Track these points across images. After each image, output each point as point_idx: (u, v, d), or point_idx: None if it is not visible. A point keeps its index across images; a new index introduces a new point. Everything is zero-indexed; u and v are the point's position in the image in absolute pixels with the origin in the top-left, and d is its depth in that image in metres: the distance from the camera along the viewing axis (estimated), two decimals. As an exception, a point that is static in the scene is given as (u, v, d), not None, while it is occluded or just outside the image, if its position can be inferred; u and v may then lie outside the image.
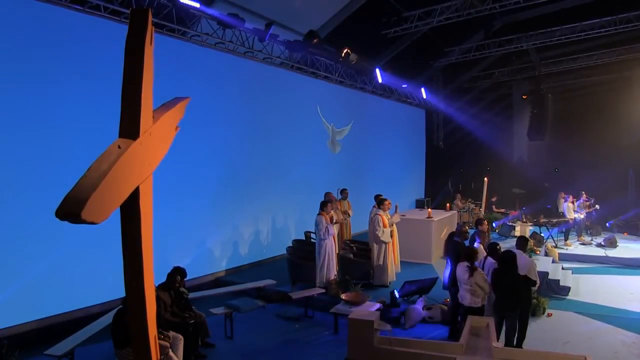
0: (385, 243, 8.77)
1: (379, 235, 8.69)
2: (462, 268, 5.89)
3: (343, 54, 11.57)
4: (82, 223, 1.71)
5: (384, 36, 13.51)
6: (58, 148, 6.69)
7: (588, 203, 14.38)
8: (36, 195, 6.29)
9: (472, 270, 5.76)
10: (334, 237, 8.51)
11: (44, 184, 6.34)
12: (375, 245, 8.81)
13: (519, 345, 5.84)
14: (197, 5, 8.17)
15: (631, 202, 16.76)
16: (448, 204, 14.09)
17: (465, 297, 5.87)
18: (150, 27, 2.17)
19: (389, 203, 9.04)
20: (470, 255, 5.92)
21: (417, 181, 19.87)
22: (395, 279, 8.90)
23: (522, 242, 6.65)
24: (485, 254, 6.69)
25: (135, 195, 2.15)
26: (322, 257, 8.34)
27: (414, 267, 10.05)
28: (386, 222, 8.80)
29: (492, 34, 15.17)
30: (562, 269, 9.74)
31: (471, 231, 8.16)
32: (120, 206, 2.04)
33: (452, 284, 6.49)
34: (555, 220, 14.17)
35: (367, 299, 7.02)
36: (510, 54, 17.41)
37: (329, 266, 8.35)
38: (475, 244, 6.90)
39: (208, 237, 9.41)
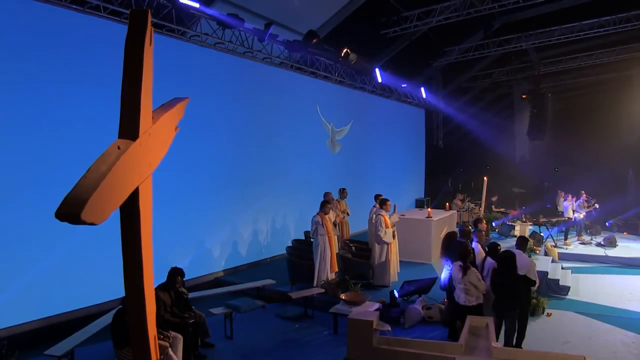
0: (388, 243, 8.77)
1: (382, 235, 8.67)
2: (456, 267, 5.90)
3: (342, 54, 11.58)
4: (82, 224, 1.71)
5: (384, 36, 13.53)
6: (57, 149, 6.69)
7: (588, 203, 14.39)
8: (36, 196, 6.29)
9: (465, 269, 5.76)
10: (330, 236, 8.50)
11: (43, 184, 6.34)
12: (376, 245, 8.79)
13: (519, 345, 5.84)
14: (197, 5, 8.17)
15: (631, 201, 16.78)
16: (447, 204, 14.09)
17: (460, 296, 5.88)
18: (149, 27, 2.17)
19: (390, 204, 9.04)
20: (463, 254, 5.91)
21: (416, 181, 19.87)
22: (397, 279, 8.89)
23: (522, 242, 6.65)
24: (483, 253, 6.70)
25: (134, 196, 2.15)
26: (315, 256, 8.36)
27: (414, 267, 10.05)
28: (388, 222, 8.79)
29: (491, 33, 15.19)
30: (562, 268, 9.74)
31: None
32: (120, 207, 2.04)
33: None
34: (554, 220, 14.18)
35: (367, 299, 7.03)
36: (510, 53, 17.44)
37: (322, 266, 8.35)
38: (474, 244, 6.90)
39: (207, 237, 9.41)
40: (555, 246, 11.81)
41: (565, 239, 13.13)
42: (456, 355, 4.77)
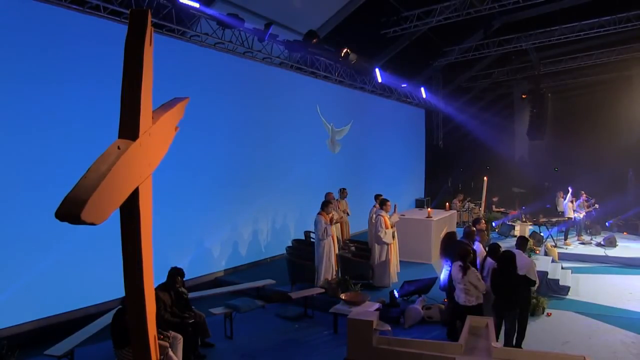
0: (388, 244, 8.76)
1: (382, 236, 8.65)
2: (455, 267, 5.90)
3: (342, 54, 11.58)
4: (82, 224, 1.71)
5: (384, 36, 13.53)
6: (57, 149, 6.69)
7: (587, 203, 14.39)
8: (36, 196, 6.29)
9: (465, 269, 5.76)
10: (333, 237, 8.51)
11: (43, 184, 6.34)
12: (376, 245, 8.77)
13: (519, 345, 5.84)
14: (197, 5, 8.17)
15: (631, 201, 16.76)
16: (447, 204, 14.09)
17: (460, 297, 5.88)
18: (149, 27, 2.17)
19: (390, 204, 9.03)
20: (463, 254, 5.91)
21: (416, 181, 19.88)
22: (397, 280, 8.88)
23: (522, 242, 6.64)
24: (485, 253, 6.69)
25: (134, 196, 2.15)
26: (321, 257, 8.34)
27: (414, 267, 10.05)
28: (388, 222, 8.78)
29: (491, 33, 15.19)
30: (562, 268, 9.74)
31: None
32: (120, 207, 2.05)
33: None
34: (554, 220, 14.18)
35: (367, 299, 7.03)
36: (510, 53, 17.45)
37: (327, 266, 8.35)
38: (475, 244, 6.90)
39: (207, 237, 9.41)
40: (555, 246, 11.81)
41: (565, 239, 13.13)
42: (456, 355, 4.77)
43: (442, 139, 20.49)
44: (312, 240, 9.91)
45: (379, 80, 14.03)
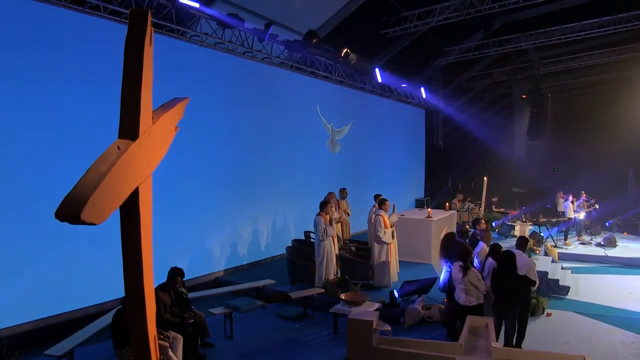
0: (387, 244, 8.76)
1: (381, 236, 8.66)
2: (456, 268, 5.91)
3: (342, 54, 11.58)
4: (82, 224, 1.71)
5: (384, 36, 13.53)
6: (57, 149, 6.69)
7: (587, 203, 14.40)
8: (35, 196, 6.29)
9: (465, 269, 5.77)
10: (333, 237, 8.51)
11: (43, 185, 6.34)
12: (376, 245, 8.78)
13: (518, 345, 5.84)
14: (197, 5, 8.16)
15: (631, 201, 16.78)
16: (447, 204, 14.08)
17: (460, 297, 5.88)
18: (149, 27, 2.17)
19: (389, 204, 9.03)
20: (463, 254, 5.92)
21: (416, 181, 19.88)
22: (397, 280, 8.88)
23: (522, 242, 6.64)
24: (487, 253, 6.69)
25: (134, 196, 2.15)
26: (321, 257, 8.34)
27: (414, 267, 10.05)
28: (387, 222, 8.78)
29: (491, 33, 15.18)
30: (562, 268, 9.75)
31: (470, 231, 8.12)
32: (120, 207, 2.04)
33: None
34: (554, 220, 14.17)
35: (367, 299, 7.03)
36: (510, 53, 17.45)
37: (328, 266, 8.35)
38: (479, 245, 6.90)
39: (207, 237, 9.41)
40: (555, 246, 11.81)
41: (565, 239, 13.13)
42: (456, 355, 4.77)
43: (442, 139, 20.49)
44: (312, 240, 9.90)
45: (379, 80, 14.03)
